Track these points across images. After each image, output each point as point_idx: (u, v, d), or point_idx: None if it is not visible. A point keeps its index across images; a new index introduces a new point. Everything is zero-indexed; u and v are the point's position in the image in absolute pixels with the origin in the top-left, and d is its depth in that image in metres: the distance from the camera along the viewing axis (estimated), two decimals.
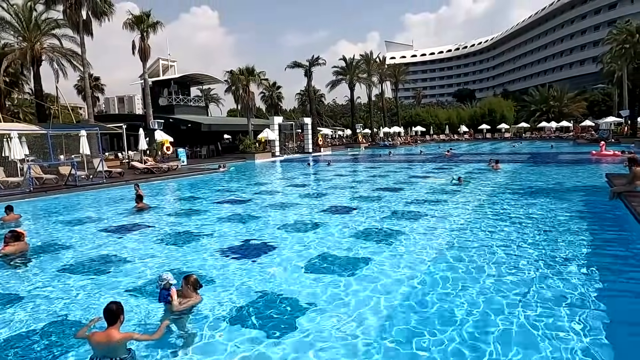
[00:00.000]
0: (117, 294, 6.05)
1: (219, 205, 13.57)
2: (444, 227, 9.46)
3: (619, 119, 49.44)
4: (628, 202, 9.77)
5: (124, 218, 11.83)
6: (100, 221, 11.46)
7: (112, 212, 12.92)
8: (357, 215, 11.16)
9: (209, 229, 10.06)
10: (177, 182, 21.13)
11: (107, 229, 10.45)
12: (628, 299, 5.53)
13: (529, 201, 12.23)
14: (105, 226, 10.76)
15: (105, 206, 14.23)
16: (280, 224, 10.42)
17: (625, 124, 47.90)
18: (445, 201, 12.80)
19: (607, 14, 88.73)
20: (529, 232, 8.69)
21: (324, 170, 25.75)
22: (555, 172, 20.26)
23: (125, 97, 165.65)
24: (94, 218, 11.99)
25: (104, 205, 14.38)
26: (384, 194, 14.90)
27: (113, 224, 11.05)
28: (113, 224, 11.05)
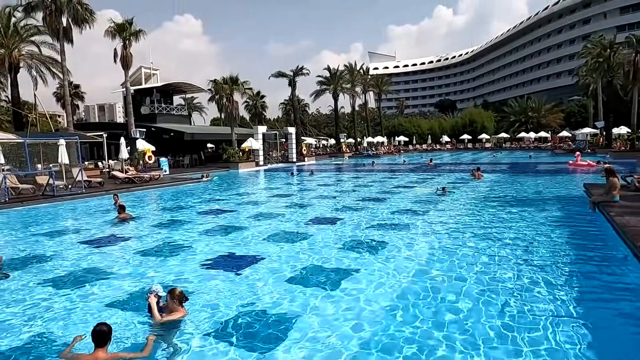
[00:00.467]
0: (99, 308, 5.88)
1: (202, 216, 13.40)
2: (427, 238, 9.52)
3: (595, 130, 50.96)
4: (606, 212, 10.02)
5: (105, 229, 11.55)
6: (80, 233, 11.17)
7: (92, 223, 12.62)
8: (341, 226, 11.15)
9: (192, 240, 9.90)
10: (159, 192, 20.81)
11: (87, 240, 10.19)
12: (606, 306, 5.63)
13: (511, 211, 12.43)
14: (85, 238, 10.49)
15: (84, 217, 13.89)
16: (265, 234, 10.32)
17: (601, 135, 49.38)
18: (429, 211, 12.91)
19: (581, 28, 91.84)
20: (512, 242, 8.81)
21: (307, 180, 25.73)
22: (536, 182, 20.68)
23: (106, 105, 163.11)
24: (74, 229, 11.69)
25: (84, 216, 14.04)
26: (368, 204, 14.95)
27: (93, 235, 10.79)
28: (93, 235, 10.79)
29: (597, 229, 9.77)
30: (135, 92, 41.05)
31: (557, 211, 12.24)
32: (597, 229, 9.79)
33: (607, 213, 9.91)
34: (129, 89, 36.29)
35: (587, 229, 9.97)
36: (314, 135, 72.04)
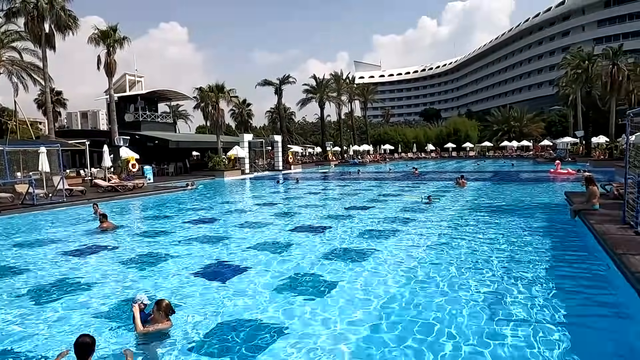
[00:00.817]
0: (81, 322, 5.74)
1: (187, 225, 13.24)
2: (412, 246, 9.57)
3: (575, 139, 52.19)
4: (586, 220, 10.23)
5: (86, 239, 11.32)
6: (60, 242, 10.93)
7: (74, 232, 12.36)
8: (327, 235, 11.14)
9: (176, 250, 9.77)
10: (142, 201, 20.52)
11: (68, 250, 9.97)
12: (587, 312, 5.73)
13: (495, 219, 12.60)
14: (66, 248, 10.27)
15: (65, 226, 13.60)
16: (250, 243, 10.25)
17: (580, 144, 50.57)
18: (414, 220, 13.00)
19: (561, 40, 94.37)
20: (495, 250, 8.92)
21: (293, 188, 25.69)
22: (518, 190, 21.03)
23: (89, 112, 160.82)
24: (54, 239, 11.42)
25: (65, 226, 13.75)
26: (354, 212, 14.99)
27: (74, 245, 10.56)
28: (74, 245, 10.56)
29: (578, 236, 9.96)
30: (119, 99, 40.59)
31: (539, 219, 12.45)
32: (577, 237, 9.98)
33: (587, 221, 10.11)
34: (113, 96, 35.88)
35: (568, 236, 10.16)
36: (300, 143, 72.14)
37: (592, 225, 9.53)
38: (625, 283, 6.20)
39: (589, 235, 9.48)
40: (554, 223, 11.83)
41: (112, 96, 35.69)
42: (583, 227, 10.38)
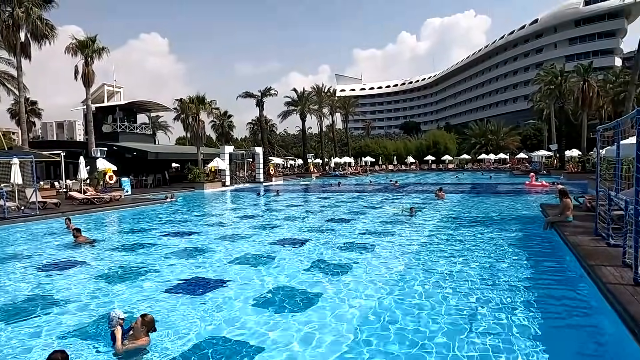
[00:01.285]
0: (54, 339, 5.54)
1: (166, 238, 13.00)
2: (391, 259, 9.62)
3: (549, 152, 53.71)
4: (560, 232, 10.49)
5: (60, 253, 10.99)
6: (32, 257, 10.57)
7: (47, 247, 11.98)
8: (308, 247, 11.10)
9: (154, 264, 9.57)
10: (120, 213, 20.07)
11: (40, 266, 9.65)
12: (561, 323, 5.85)
13: (472, 231, 12.80)
14: (38, 263, 9.94)
15: (38, 240, 13.17)
16: (230, 257, 10.13)
17: (555, 157, 52.05)
18: (394, 232, 13.09)
19: (535, 57, 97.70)
20: (473, 261, 9.05)
21: (274, 201, 25.58)
22: (495, 202, 21.45)
23: (65, 122, 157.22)
24: (26, 254, 11.04)
25: (37, 240, 13.31)
26: (336, 225, 15.00)
27: (47, 260, 10.24)
28: (47, 260, 10.24)
29: (552, 248, 10.20)
30: (96, 109, 39.88)
31: (515, 231, 12.70)
32: (552, 248, 10.22)
33: (561, 233, 10.38)
34: (90, 106, 35.23)
35: (543, 248, 10.39)
36: (281, 155, 72.09)
37: (565, 236, 9.79)
38: (597, 293, 6.37)
39: (563, 246, 9.72)
40: (529, 234, 12.09)
41: (90, 107, 35.05)
42: (557, 238, 10.64)
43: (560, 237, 10.27)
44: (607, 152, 15.74)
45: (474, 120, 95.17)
